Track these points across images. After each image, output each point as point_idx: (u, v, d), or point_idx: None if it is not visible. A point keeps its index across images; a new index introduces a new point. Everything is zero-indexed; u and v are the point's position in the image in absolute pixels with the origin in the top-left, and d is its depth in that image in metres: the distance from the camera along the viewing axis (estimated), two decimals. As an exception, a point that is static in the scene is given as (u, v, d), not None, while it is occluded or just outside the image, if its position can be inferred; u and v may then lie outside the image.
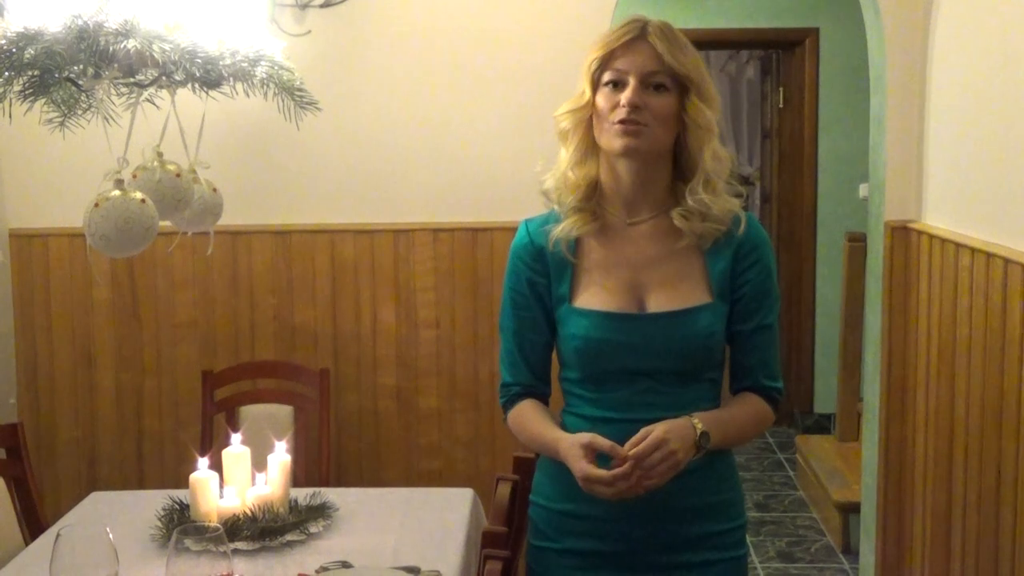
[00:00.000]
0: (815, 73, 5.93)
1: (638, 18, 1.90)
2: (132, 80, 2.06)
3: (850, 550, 4.30)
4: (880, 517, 3.56)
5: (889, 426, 3.50)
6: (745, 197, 1.99)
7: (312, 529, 2.42)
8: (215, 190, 2.46)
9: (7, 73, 1.92)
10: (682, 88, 1.87)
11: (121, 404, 3.75)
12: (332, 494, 2.62)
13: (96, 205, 2.08)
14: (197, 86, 2.11)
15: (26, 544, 2.58)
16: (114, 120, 2.02)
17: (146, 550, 2.34)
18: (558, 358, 2.00)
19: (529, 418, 1.97)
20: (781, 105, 6.31)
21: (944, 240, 3.12)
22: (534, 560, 2.03)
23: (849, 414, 5.08)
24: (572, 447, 1.82)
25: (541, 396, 2.02)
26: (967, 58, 3.07)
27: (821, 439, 5.34)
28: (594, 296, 1.92)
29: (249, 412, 3.43)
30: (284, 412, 3.44)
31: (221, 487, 2.43)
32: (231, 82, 2.16)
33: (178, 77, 2.06)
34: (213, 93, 2.14)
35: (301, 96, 2.23)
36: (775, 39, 6.13)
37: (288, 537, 2.37)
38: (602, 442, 1.79)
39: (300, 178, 3.65)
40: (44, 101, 1.94)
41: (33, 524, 2.68)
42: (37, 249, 3.72)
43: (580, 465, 1.79)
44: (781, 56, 6.32)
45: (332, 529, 2.46)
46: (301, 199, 3.66)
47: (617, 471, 1.76)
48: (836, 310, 5.45)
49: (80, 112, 1.97)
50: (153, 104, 2.16)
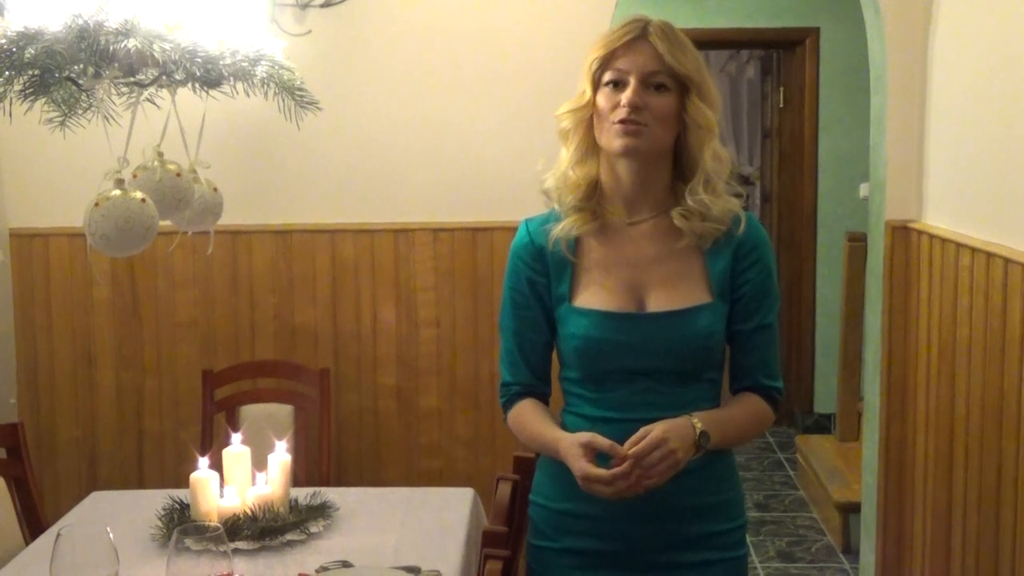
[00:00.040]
0: (815, 73, 5.93)
1: (639, 18, 1.91)
2: (132, 79, 2.06)
3: (850, 550, 4.29)
4: (880, 517, 3.55)
5: (889, 426, 3.50)
6: (745, 197, 1.99)
7: (312, 529, 2.42)
8: (215, 190, 2.46)
9: (7, 72, 1.92)
10: (683, 88, 1.87)
11: (121, 404, 3.75)
12: (332, 494, 2.62)
13: (96, 205, 2.08)
14: (197, 86, 2.11)
15: (26, 544, 2.58)
16: (114, 120, 2.02)
17: (146, 550, 2.34)
18: (558, 358, 2.01)
19: (529, 418, 1.97)
20: (781, 105, 6.31)
21: (944, 240, 3.12)
22: (534, 560, 2.03)
23: (849, 414, 5.08)
24: (571, 446, 1.82)
25: (541, 396, 2.02)
26: (967, 58, 3.07)
27: (821, 439, 5.33)
28: (594, 296, 1.92)
29: (249, 412, 3.43)
30: (284, 412, 3.44)
31: (221, 487, 2.43)
32: (231, 82, 2.16)
33: (178, 77, 2.06)
34: (213, 93, 2.14)
35: (301, 96, 2.23)
36: (775, 39, 6.13)
37: (288, 537, 2.37)
38: (601, 441, 1.79)
39: (300, 178, 3.65)
40: (44, 100, 1.94)
41: (33, 524, 2.68)
42: (37, 249, 3.72)
43: (579, 464, 1.79)
44: (781, 56, 6.32)
45: (332, 529, 2.46)
46: (301, 199, 3.66)
47: (616, 470, 1.76)
48: (836, 310, 5.45)
49: (80, 112, 1.97)
50: (153, 104, 2.15)
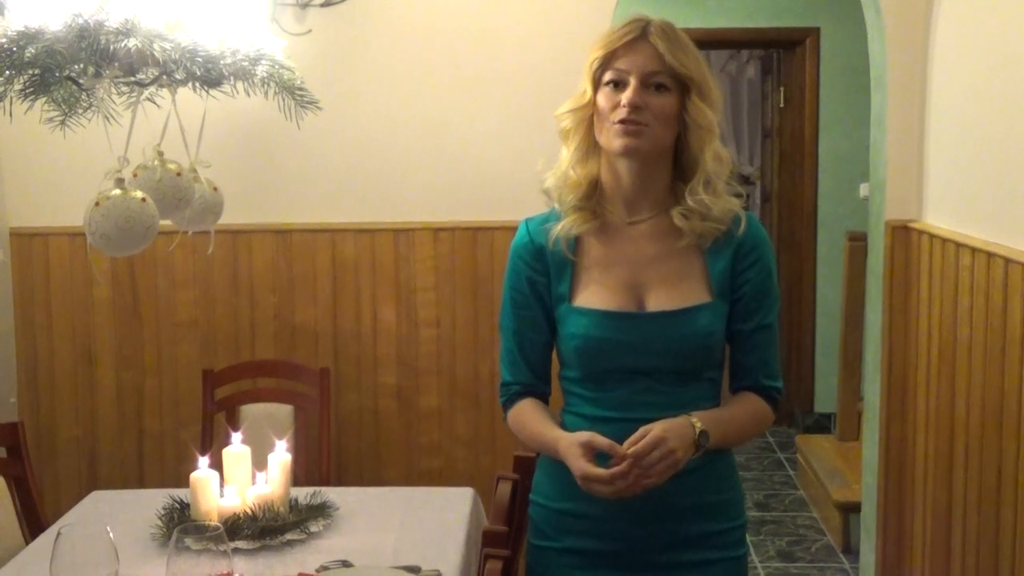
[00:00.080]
0: (816, 73, 5.93)
1: (640, 18, 1.90)
2: (133, 79, 2.06)
3: (850, 550, 4.29)
4: (880, 516, 3.55)
5: (889, 426, 3.50)
6: (745, 197, 1.99)
7: (312, 528, 2.41)
8: (216, 189, 2.46)
9: (8, 72, 1.92)
10: (683, 88, 1.87)
11: (121, 403, 3.75)
12: (332, 493, 2.62)
13: (97, 204, 2.08)
14: (198, 85, 2.11)
15: (26, 543, 2.58)
16: (115, 119, 2.02)
17: (146, 549, 2.34)
18: (558, 357, 2.00)
19: (529, 417, 1.97)
20: (782, 105, 6.31)
21: (945, 240, 3.12)
22: (534, 559, 2.03)
23: (849, 413, 5.08)
24: (571, 446, 1.82)
25: (541, 395, 2.02)
26: (968, 57, 3.07)
27: (821, 438, 5.33)
28: (594, 295, 1.92)
29: (249, 411, 3.43)
30: (284, 411, 3.44)
31: (221, 486, 2.43)
32: (232, 81, 2.16)
33: (179, 76, 2.06)
34: (214, 92, 2.14)
35: (302, 95, 2.23)
36: (776, 39, 6.13)
37: (288, 536, 2.36)
38: (601, 441, 1.79)
39: (301, 177, 3.65)
40: (45, 100, 1.94)
41: (33, 523, 2.68)
42: (38, 248, 3.72)
43: (579, 464, 1.79)
44: (782, 56, 6.32)
45: (332, 528, 2.46)
46: (302, 198, 3.66)
47: (615, 470, 1.76)
48: (836, 309, 5.45)
49: (81, 111, 1.97)
50: (154, 103, 2.15)
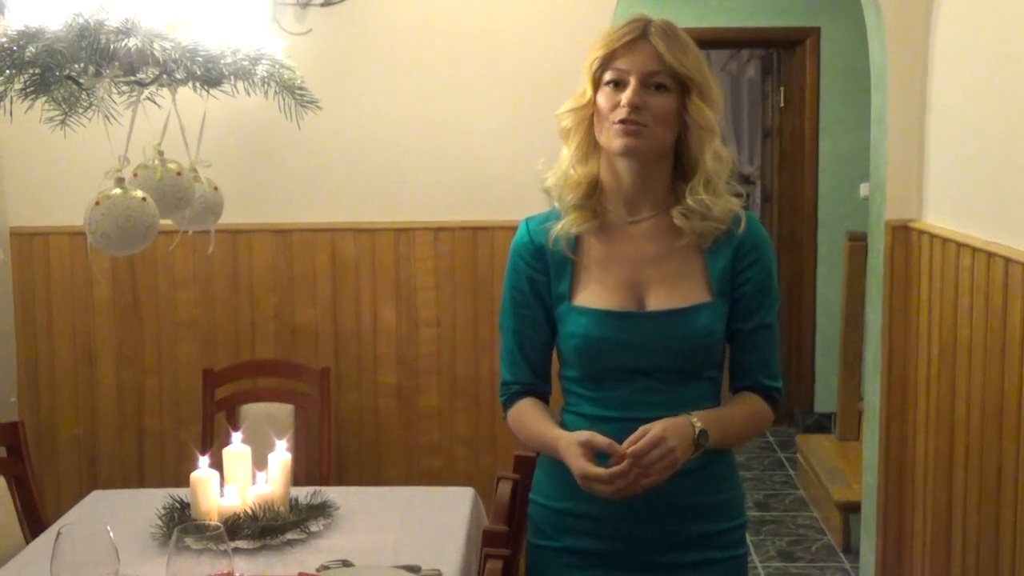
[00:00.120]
0: (816, 72, 5.93)
1: (640, 17, 1.90)
2: (133, 78, 2.06)
3: (850, 549, 4.29)
4: (880, 516, 3.56)
5: (890, 425, 3.50)
6: (746, 196, 1.99)
7: (313, 528, 2.41)
8: (216, 189, 2.46)
9: (8, 71, 1.92)
10: (683, 88, 1.87)
11: (122, 402, 3.75)
12: (333, 493, 2.62)
13: (97, 203, 2.08)
14: (198, 84, 2.11)
15: (27, 542, 2.58)
16: (115, 118, 2.02)
17: (147, 549, 2.34)
18: (558, 356, 2.00)
19: (528, 416, 1.97)
20: (782, 104, 6.30)
21: (945, 239, 3.12)
22: (533, 559, 2.03)
23: (850, 413, 5.08)
24: (571, 445, 1.82)
25: (541, 395, 2.02)
26: (968, 57, 3.07)
27: (822, 438, 5.33)
28: (594, 294, 1.92)
29: (250, 411, 3.43)
30: (285, 411, 3.44)
31: (222, 486, 2.43)
32: (232, 81, 2.16)
33: (179, 75, 2.06)
34: (214, 92, 2.14)
35: (302, 95, 2.23)
36: (776, 38, 6.13)
37: (289, 536, 2.37)
38: (600, 440, 1.79)
39: (301, 177, 3.65)
40: (45, 99, 1.94)
41: (34, 522, 2.68)
42: (38, 247, 3.72)
43: (578, 463, 1.79)
44: (782, 55, 6.31)
45: (333, 528, 2.46)
46: (302, 198, 3.66)
47: (615, 469, 1.76)
48: (837, 309, 5.45)
49: (81, 110, 1.97)
50: (154, 103, 2.15)
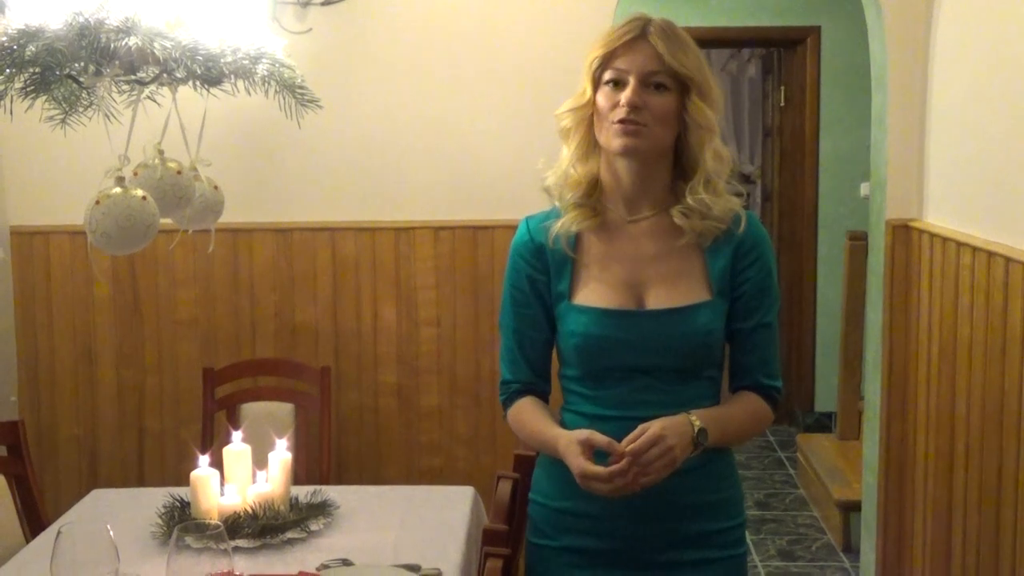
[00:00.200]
0: (816, 72, 5.93)
1: (640, 17, 1.90)
2: (133, 77, 2.06)
3: (851, 548, 4.30)
4: (881, 515, 3.56)
5: (890, 424, 3.50)
6: (746, 196, 1.99)
7: (313, 527, 2.42)
8: (216, 188, 2.46)
9: (8, 70, 1.92)
10: (683, 87, 1.87)
11: (122, 401, 3.75)
12: (333, 492, 2.62)
13: (97, 202, 2.07)
14: (198, 83, 2.10)
15: (27, 541, 2.58)
16: (115, 117, 2.02)
17: (147, 548, 2.34)
18: (557, 355, 2.00)
19: (528, 415, 1.97)
20: (782, 103, 6.31)
21: (945, 239, 3.12)
22: (533, 558, 2.03)
23: (850, 412, 5.08)
24: (570, 444, 1.82)
25: (541, 394, 2.02)
26: (969, 57, 3.07)
27: (822, 437, 5.33)
28: (593, 293, 1.92)
29: (250, 410, 3.43)
30: (285, 410, 3.44)
31: (222, 485, 2.43)
32: (232, 80, 2.15)
33: (179, 74, 2.06)
34: (214, 91, 2.14)
35: (302, 94, 2.23)
36: (777, 37, 6.13)
37: (289, 535, 2.37)
38: (600, 438, 1.79)
39: (301, 176, 3.65)
40: (45, 98, 1.94)
41: (34, 521, 2.68)
42: (38, 246, 3.72)
43: (578, 462, 1.79)
44: (782, 54, 6.31)
45: (333, 527, 2.46)
46: (302, 197, 3.66)
47: (614, 468, 1.75)
48: (837, 309, 5.45)
49: (81, 109, 1.97)
50: (154, 101, 2.15)
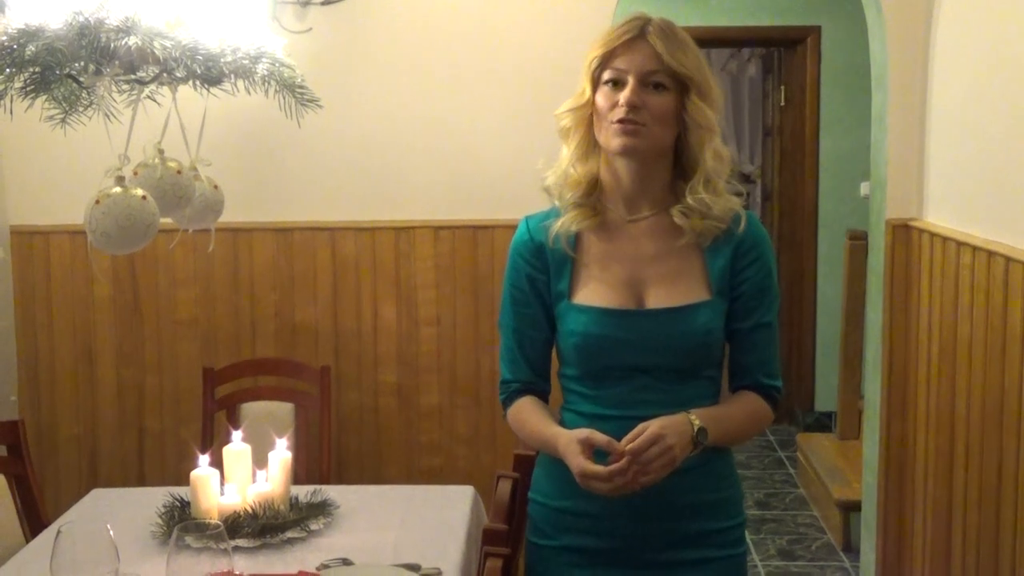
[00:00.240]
0: (816, 71, 5.93)
1: (639, 16, 1.90)
2: (133, 77, 2.06)
3: (851, 548, 4.30)
4: (881, 515, 3.56)
5: (890, 424, 3.50)
6: (746, 195, 1.99)
7: (313, 526, 2.42)
8: (216, 187, 2.46)
9: (8, 70, 1.92)
10: (682, 87, 1.87)
11: (122, 401, 3.76)
12: (333, 491, 2.62)
13: (97, 202, 2.08)
14: (198, 83, 2.10)
15: (27, 541, 2.58)
16: (115, 117, 2.02)
17: (147, 547, 2.34)
18: (557, 355, 2.00)
19: (528, 415, 1.97)
20: (782, 103, 6.31)
21: (945, 238, 3.12)
22: (533, 558, 2.03)
23: (850, 412, 5.08)
24: (570, 443, 1.82)
25: (540, 393, 2.02)
26: (969, 56, 3.07)
27: (822, 437, 5.33)
28: (593, 292, 1.92)
29: (250, 409, 3.43)
30: (285, 409, 3.44)
31: (222, 484, 2.43)
32: (232, 79, 2.15)
33: (179, 74, 2.06)
34: (214, 90, 2.14)
35: (302, 93, 2.23)
36: (777, 37, 6.13)
37: (289, 534, 2.37)
38: (600, 438, 1.79)
39: (301, 175, 3.65)
40: (45, 98, 1.94)
41: (34, 521, 2.68)
42: (38, 246, 3.72)
43: (577, 461, 1.79)
44: (783, 54, 6.32)
45: (333, 526, 2.46)
46: (302, 196, 3.66)
47: (614, 467, 1.75)
48: (837, 308, 5.45)
49: (81, 109, 1.97)
50: (154, 101, 2.15)
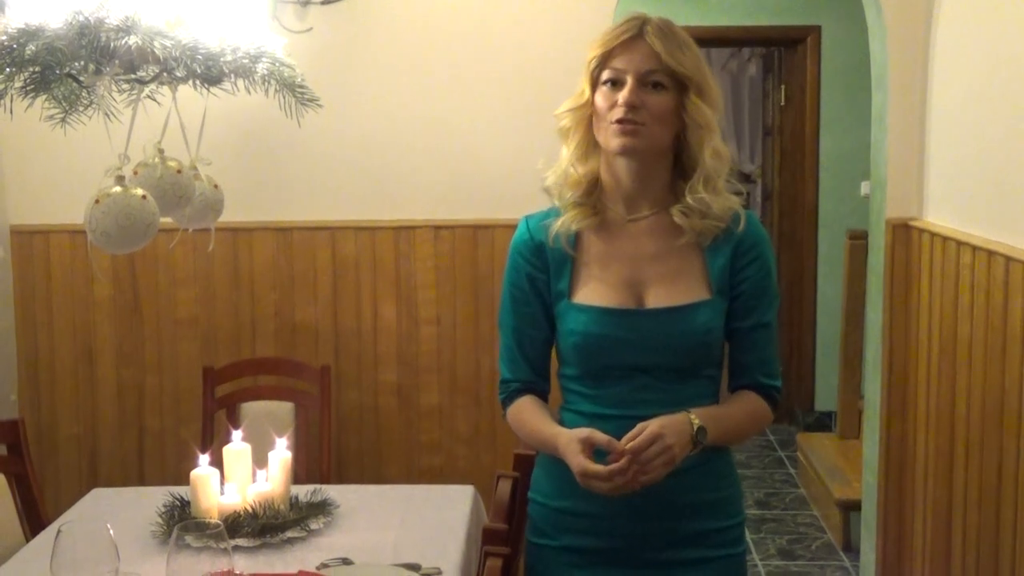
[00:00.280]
0: (817, 71, 5.93)
1: (637, 16, 1.90)
2: (133, 76, 2.06)
3: (851, 547, 4.30)
4: (881, 514, 3.56)
5: (890, 423, 3.50)
6: (746, 195, 1.99)
7: (313, 526, 2.42)
8: (216, 186, 2.46)
9: (8, 69, 1.92)
10: (681, 86, 1.86)
11: (122, 400, 3.76)
12: (333, 491, 2.62)
13: (97, 201, 2.08)
14: (198, 83, 2.10)
15: (27, 540, 2.58)
16: (115, 116, 2.02)
17: (147, 547, 2.34)
18: (557, 354, 2.00)
19: (528, 414, 1.97)
20: (783, 103, 6.30)
21: (945, 238, 3.12)
22: (533, 558, 2.03)
23: (850, 412, 5.08)
24: (570, 442, 1.82)
25: (540, 393, 2.01)
26: (969, 56, 3.07)
27: (822, 437, 5.33)
28: (593, 292, 1.92)
29: (250, 409, 3.43)
30: (285, 409, 3.44)
31: (222, 484, 2.43)
32: (232, 79, 2.15)
33: (179, 73, 2.06)
34: (214, 90, 2.14)
35: (302, 93, 2.22)
36: (777, 37, 6.13)
37: (289, 534, 2.37)
38: (600, 437, 1.79)
39: (301, 175, 3.65)
40: (45, 97, 1.94)
41: (34, 520, 2.68)
42: (38, 245, 3.72)
43: (578, 460, 1.79)
44: (783, 54, 6.31)
45: (333, 526, 2.46)
46: (302, 196, 3.66)
47: (614, 466, 1.75)
48: (837, 308, 5.44)
49: (81, 108, 1.97)
50: (154, 100, 2.15)
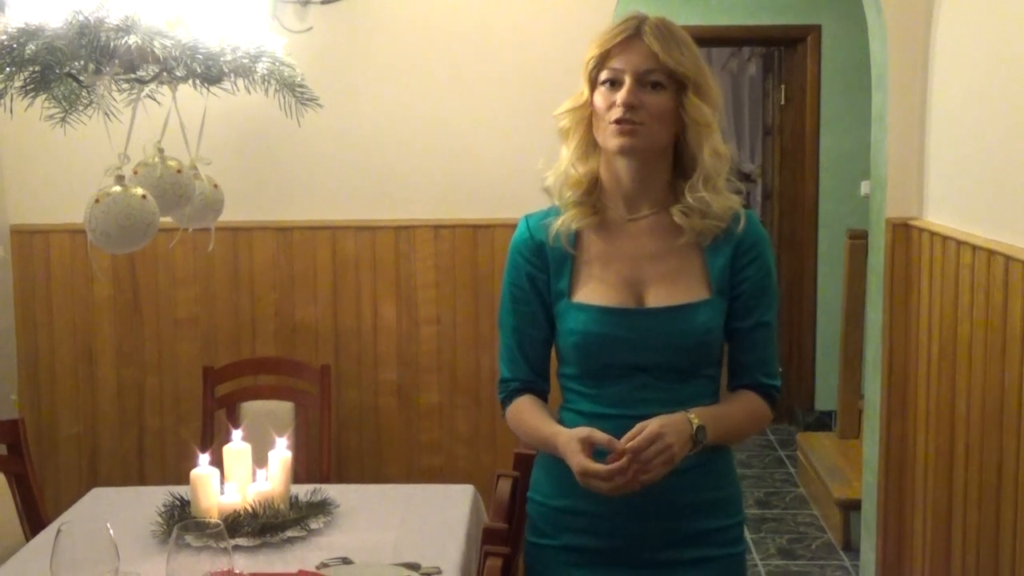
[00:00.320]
0: (817, 70, 5.93)
1: (635, 15, 1.90)
2: (133, 76, 2.06)
3: (851, 547, 4.30)
4: (881, 514, 3.56)
5: (890, 423, 3.50)
6: (746, 194, 1.99)
7: (313, 525, 2.42)
8: (216, 186, 2.46)
9: (8, 69, 1.92)
10: (680, 85, 1.86)
11: (122, 400, 3.76)
12: (333, 490, 2.62)
13: (97, 201, 2.08)
14: (198, 82, 2.11)
15: (27, 540, 2.58)
16: (115, 116, 2.02)
17: (147, 546, 2.34)
18: (556, 354, 2.00)
19: (527, 414, 1.97)
20: (783, 102, 6.30)
21: (945, 237, 3.12)
22: (532, 557, 2.03)
23: (850, 411, 5.08)
24: (570, 442, 1.82)
25: (540, 392, 2.01)
26: (969, 55, 3.07)
27: (822, 436, 5.33)
28: (593, 291, 1.92)
29: (250, 408, 3.43)
30: (285, 408, 3.44)
31: (222, 483, 2.43)
32: (232, 78, 2.16)
33: (179, 73, 2.06)
34: (214, 89, 2.14)
35: (302, 92, 2.23)
36: (777, 36, 6.13)
37: (289, 533, 2.37)
38: (600, 436, 1.79)
39: (301, 174, 3.65)
40: (45, 97, 1.95)
41: (34, 520, 2.68)
42: (38, 245, 3.72)
43: (577, 459, 1.79)
44: (783, 53, 6.31)
45: (333, 525, 2.46)
46: (302, 195, 3.66)
47: (614, 465, 1.75)
48: (837, 307, 5.44)
49: (81, 108, 1.97)
50: (154, 100, 2.15)
